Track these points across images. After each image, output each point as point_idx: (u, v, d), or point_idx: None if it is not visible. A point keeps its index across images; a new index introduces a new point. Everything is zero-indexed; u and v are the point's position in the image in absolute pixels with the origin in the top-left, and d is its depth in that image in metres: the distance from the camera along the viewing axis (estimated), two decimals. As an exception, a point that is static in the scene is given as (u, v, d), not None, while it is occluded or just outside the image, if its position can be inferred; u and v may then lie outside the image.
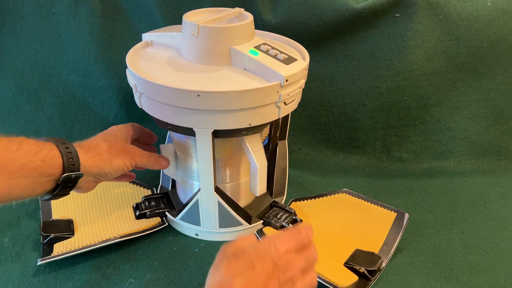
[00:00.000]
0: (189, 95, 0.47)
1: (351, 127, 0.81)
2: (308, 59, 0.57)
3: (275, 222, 0.61)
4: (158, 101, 0.50)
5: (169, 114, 0.51)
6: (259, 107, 0.50)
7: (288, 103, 0.53)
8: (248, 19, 0.55)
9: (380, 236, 0.60)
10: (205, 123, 0.50)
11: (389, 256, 0.56)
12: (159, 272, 0.56)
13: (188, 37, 0.54)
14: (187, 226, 0.62)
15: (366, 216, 0.64)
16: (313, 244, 0.43)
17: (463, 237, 0.63)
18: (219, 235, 0.62)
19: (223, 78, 0.52)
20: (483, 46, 0.75)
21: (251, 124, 0.51)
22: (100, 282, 0.54)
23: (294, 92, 0.53)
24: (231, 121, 0.50)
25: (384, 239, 0.59)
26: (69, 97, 0.81)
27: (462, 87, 0.78)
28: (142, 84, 0.51)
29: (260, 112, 0.51)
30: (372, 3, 0.71)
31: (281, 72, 0.50)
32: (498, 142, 0.81)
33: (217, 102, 0.48)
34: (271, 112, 0.52)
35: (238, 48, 0.53)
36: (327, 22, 0.73)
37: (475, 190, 0.75)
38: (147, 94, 0.51)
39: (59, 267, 0.56)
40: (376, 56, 0.76)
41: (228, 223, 0.61)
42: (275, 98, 0.50)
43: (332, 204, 0.67)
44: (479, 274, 0.56)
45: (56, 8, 0.75)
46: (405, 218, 0.62)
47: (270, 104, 0.51)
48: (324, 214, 0.65)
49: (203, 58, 0.54)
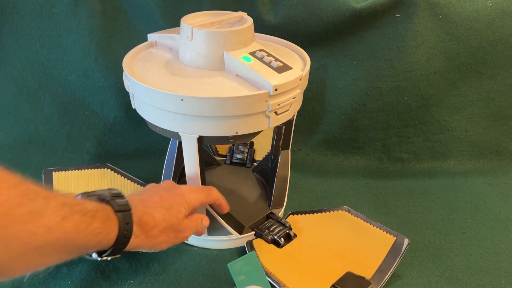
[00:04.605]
0: (174, 99, 0.46)
1: (351, 128, 0.81)
2: (308, 67, 0.55)
3: (267, 234, 0.59)
4: (147, 103, 0.50)
5: (157, 117, 0.50)
6: (247, 115, 0.48)
7: (280, 113, 0.51)
8: (245, 25, 0.54)
9: (375, 260, 0.55)
10: (190, 128, 0.49)
11: (382, 284, 0.52)
12: (159, 274, 0.56)
13: (184, 39, 0.54)
14: None
15: (363, 237, 0.60)
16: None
17: (464, 238, 0.63)
18: (208, 243, 0.60)
19: (213, 84, 0.50)
20: (483, 46, 0.75)
21: (238, 132, 0.49)
22: (100, 282, 0.54)
23: (286, 102, 0.50)
24: (216, 128, 0.49)
25: (379, 264, 0.55)
26: (69, 97, 0.81)
27: (462, 87, 0.78)
28: (133, 85, 0.51)
29: (248, 121, 0.49)
30: (372, 3, 0.71)
31: (271, 80, 0.48)
32: (498, 142, 0.81)
33: (201, 107, 0.46)
34: (260, 121, 0.50)
35: (231, 53, 0.52)
36: (327, 22, 0.73)
37: (475, 190, 0.75)
38: (137, 96, 0.51)
39: (59, 267, 0.56)
40: (376, 56, 0.76)
41: (217, 231, 0.59)
42: (264, 108, 0.48)
43: (330, 221, 0.64)
44: (480, 275, 0.56)
45: (56, 8, 0.75)
46: (405, 244, 0.57)
47: (258, 113, 0.49)
48: (320, 231, 0.62)
49: (197, 62, 0.54)
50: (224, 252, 0.60)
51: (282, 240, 0.59)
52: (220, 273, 0.56)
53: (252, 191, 0.70)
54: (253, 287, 0.45)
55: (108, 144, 0.82)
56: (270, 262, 0.55)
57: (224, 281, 0.54)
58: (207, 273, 0.56)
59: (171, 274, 0.55)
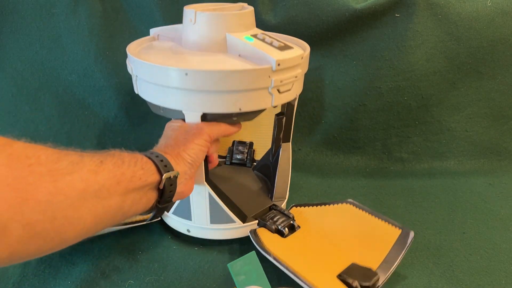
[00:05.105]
0: (178, 74, 0.47)
1: (351, 128, 0.81)
2: (308, 51, 0.55)
3: (271, 224, 0.59)
4: (150, 82, 0.50)
5: (160, 96, 0.50)
6: (250, 91, 0.49)
7: (283, 92, 0.51)
8: (247, 10, 0.56)
9: (381, 252, 0.55)
10: (194, 105, 0.49)
11: (387, 275, 0.51)
12: (159, 274, 0.56)
13: (187, 24, 0.55)
14: (179, 221, 0.61)
15: (368, 230, 0.60)
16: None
17: (464, 238, 0.63)
18: (211, 232, 0.59)
19: (216, 61, 0.51)
20: (483, 46, 0.75)
21: (242, 109, 0.50)
22: (100, 282, 0.54)
23: (288, 80, 0.51)
24: (220, 104, 0.49)
25: (385, 256, 0.54)
26: (68, 98, 0.80)
27: (462, 87, 0.78)
28: (136, 65, 0.51)
29: (251, 97, 0.49)
30: (372, 3, 0.71)
31: (273, 55, 0.48)
32: (498, 142, 0.81)
33: (205, 81, 0.47)
34: (263, 98, 0.50)
35: (234, 35, 0.53)
36: (327, 22, 0.73)
37: (475, 190, 0.75)
38: (141, 76, 0.51)
39: (59, 267, 0.56)
40: (376, 56, 0.76)
41: (220, 219, 0.59)
42: (267, 83, 0.49)
43: (334, 214, 0.63)
44: (480, 275, 0.56)
45: (56, 8, 0.75)
46: (410, 237, 0.57)
47: (261, 89, 0.49)
48: (325, 223, 0.61)
49: (200, 45, 0.54)
50: (224, 252, 0.60)
51: (286, 230, 0.58)
52: (220, 273, 0.56)
53: (254, 186, 0.70)
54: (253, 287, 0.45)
55: (108, 144, 0.82)
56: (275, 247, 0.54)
57: (224, 281, 0.54)
58: (207, 273, 0.56)
59: (171, 274, 0.55)
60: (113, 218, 0.38)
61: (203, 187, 0.56)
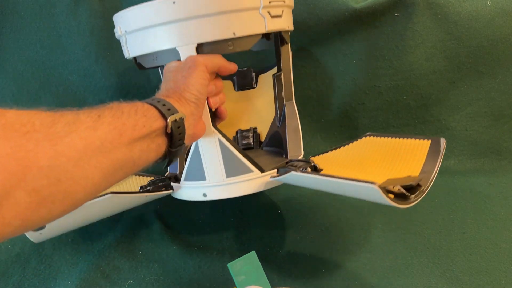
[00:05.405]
0: (165, 5, 0.47)
1: (351, 127, 0.81)
2: None
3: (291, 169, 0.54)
4: (139, 27, 0.50)
5: (152, 40, 0.50)
6: (242, 11, 0.49)
7: (274, 16, 0.52)
8: None
9: (416, 165, 0.51)
10: (186, 36, 0.49)
11: (429, 183, 0.47)
12: (159, 274, 0.56)
13: None
14: (193, 188, 0.57)
15: (397, 150, 0.56)
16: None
17: (464, 238, 0.63)
18: (229, 189, 0.55)
19: None
20: (483, 45, 0.75)
21: (236, 33, 0.49)
22: (100, 282, 0.54)
23: (278, 3, 0.52)
24: (213, 30, 0.49)
25: (421, 168, 0.50)
26: (69, 97, 0.81)
27: (462, 87, 0.78)
28: (124, 18, 0.51)
29: (244, 19, 0.49)
30: (371, 3, 0.71)
31: None
32: (498, 141, 0.81)
33: (195, 6, 0.47)
34: (256, 21, 0.50)
35: None
36: (327, 22, 0.73)
37: (475, 190, 0.74)
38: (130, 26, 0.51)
39: (59, 267, 0.56)
40: (376, 56, 0.76)
41: (236, 170, 0.55)
42: (257, 3, 0.50)
43: (358, 148, 0.60)
44: (480, 275, 0.56)
45: (56, 8, 0.76)
46: (442, 143, 0.53)
47: (252, 9, 0.50)
48: (349, 157, 0.57)
49: None
50: (224, 252, 0.60)
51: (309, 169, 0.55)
52: (220, 273, 0.56)
53: (267, 155, 0.68)
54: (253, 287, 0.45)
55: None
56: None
57: (224, 281, 0.54)
58: (207, 273, 0.56)
59: (171, 274, 0.56)
60: (123, 170, 0.37)
61: (212, 136, 0.53)
